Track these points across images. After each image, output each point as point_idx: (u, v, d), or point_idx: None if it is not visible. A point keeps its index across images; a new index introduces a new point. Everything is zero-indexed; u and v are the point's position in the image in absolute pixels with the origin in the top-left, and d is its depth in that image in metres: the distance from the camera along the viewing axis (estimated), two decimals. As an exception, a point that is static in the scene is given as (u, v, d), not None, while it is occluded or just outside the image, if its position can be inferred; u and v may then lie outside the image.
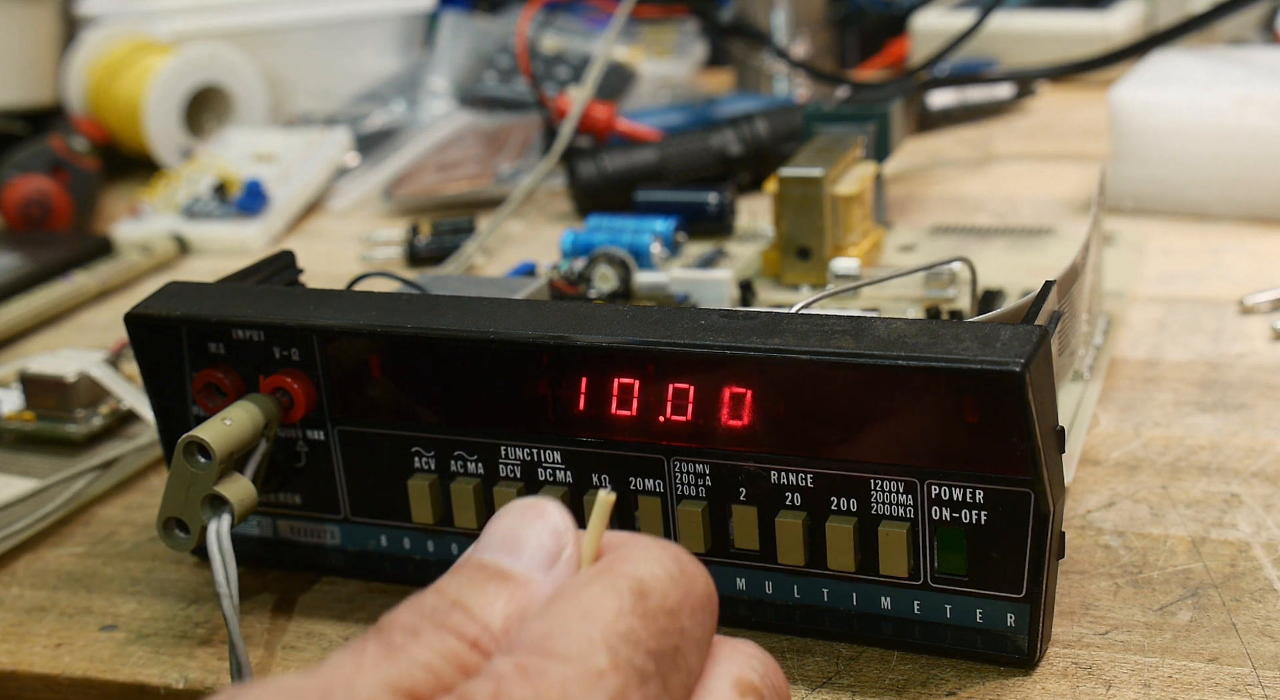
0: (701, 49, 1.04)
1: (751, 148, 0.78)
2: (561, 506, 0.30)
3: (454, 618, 0.27)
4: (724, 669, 0.29)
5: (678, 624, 0.28)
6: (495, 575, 0.28)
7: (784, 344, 0.38)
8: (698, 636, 0.28)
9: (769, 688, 0.30)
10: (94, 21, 0.99)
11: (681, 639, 0.28)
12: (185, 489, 0.42)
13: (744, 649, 0.30)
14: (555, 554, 0.29)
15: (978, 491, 0.38)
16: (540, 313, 0.42)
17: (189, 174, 0.86)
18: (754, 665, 0.30)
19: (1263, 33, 0.94)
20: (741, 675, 0.29)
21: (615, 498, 0.29)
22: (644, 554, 0.28)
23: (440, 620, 0.27)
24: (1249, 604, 0.41)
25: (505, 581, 0.28)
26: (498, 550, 0.29)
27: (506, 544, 0.29)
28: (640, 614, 0.27)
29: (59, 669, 0.44)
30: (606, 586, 0.27)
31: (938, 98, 0.88)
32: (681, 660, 0.28)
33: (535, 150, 0.85)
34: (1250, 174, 0.70)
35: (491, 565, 0.29)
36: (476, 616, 0.27)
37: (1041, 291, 0.41)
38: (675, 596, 0.28)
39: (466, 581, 0.28)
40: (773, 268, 0.62)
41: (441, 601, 0.28)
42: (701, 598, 0.29)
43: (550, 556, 0.29)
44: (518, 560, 0.29)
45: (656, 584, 0.28)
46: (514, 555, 0.29)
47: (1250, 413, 0.52)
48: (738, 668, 0.29)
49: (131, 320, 0.45)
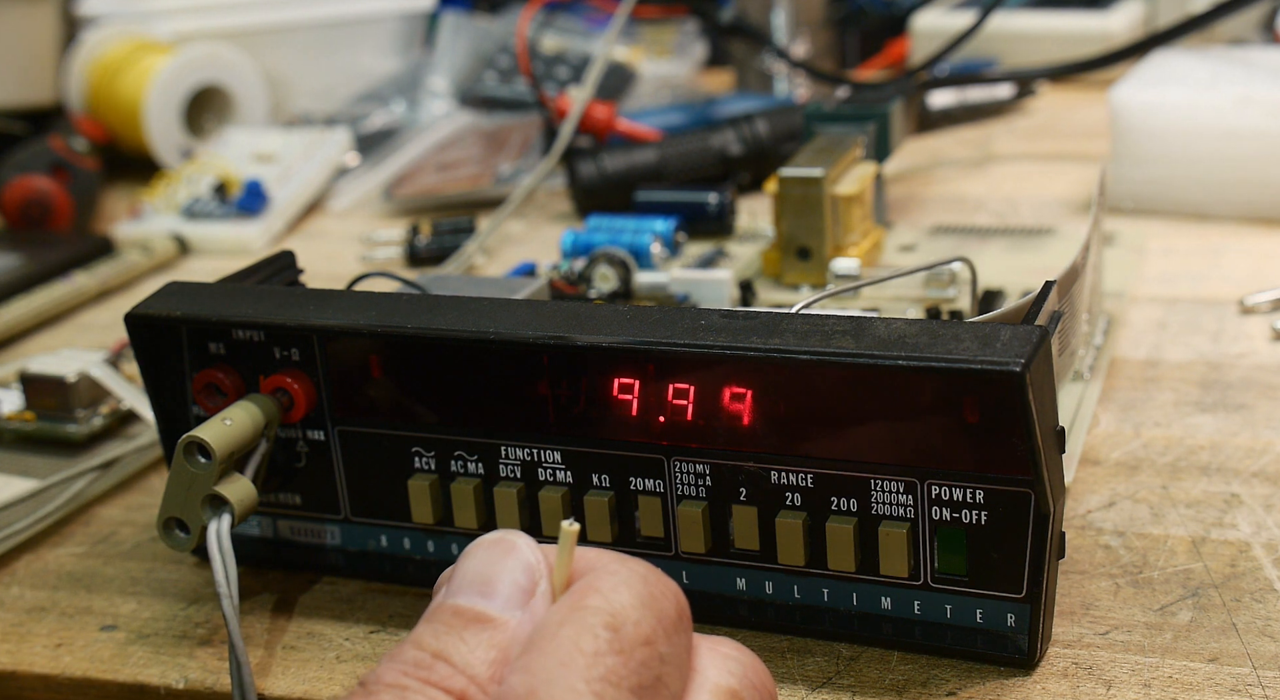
0: (701, 49, 1.04)
1: (751, 148, 0.78)
2: (529, 539, 0.29)
3: (438, 671, 0.27)
4: (700, 680, 0.29)
5: (656, 652, 0.27)
6: (473, 620, 0.28)
7: (784, 344, 0.38)
8: (677, 658, 0.28)
9: (749, 686, 0.29)
10: (94, 21, 0.99)
11: (662, 666, 0.27)
12: (185, 489, 0.42)
13: (721, 650, 0.30)
14: (530, 590, 0.28)
15: (978, 491, 0.38)
16: (540, 313, 0.42)
17: (189, 174, 0.86)
18: (731, 667, 0.29)
19: (1263, 33, 0.94)
20: (719, 683, 0.29)
21: (579, 528, 0.29)
22: (610, 581, 0.28)
23: (425, 675, 0.27)
24: (1249, 604, 0.41)
25: (484, 625, 0.28)
26: (471, 593, 0.28)
27: (479, 585, 0.28)
28: (617, 650, 0.26)
29: (59, 669, 0.44)
30: (580, 627, 0.27)
31: (938, 98, 0.88)
32: (664, 687, 0.27)
33: (535, 150, 0.85)
34: (1250, 174, 0.70)
35: (468, 610, 0.28)
36: (460, 667, 0.27)
37: (1041, 291, 0.41)
38: (648, 624, 0.27)
39: (444, 629, 0.28)
40: (773, 268, 0.62)
41: (423, 654, 0.27)
42: (674, 618, 0.28)
43: (525, 593, 0.28)
44: (493, 601, 0.28)
45: (628, 614, 0.27)
46: (488, 597, 0.28)
47: (1250, 413, 0.52)
48: (715, 674, 0.29)
49: (131, 320, 0.45)
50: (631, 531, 0.42)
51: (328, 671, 0.42)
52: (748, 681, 0.29)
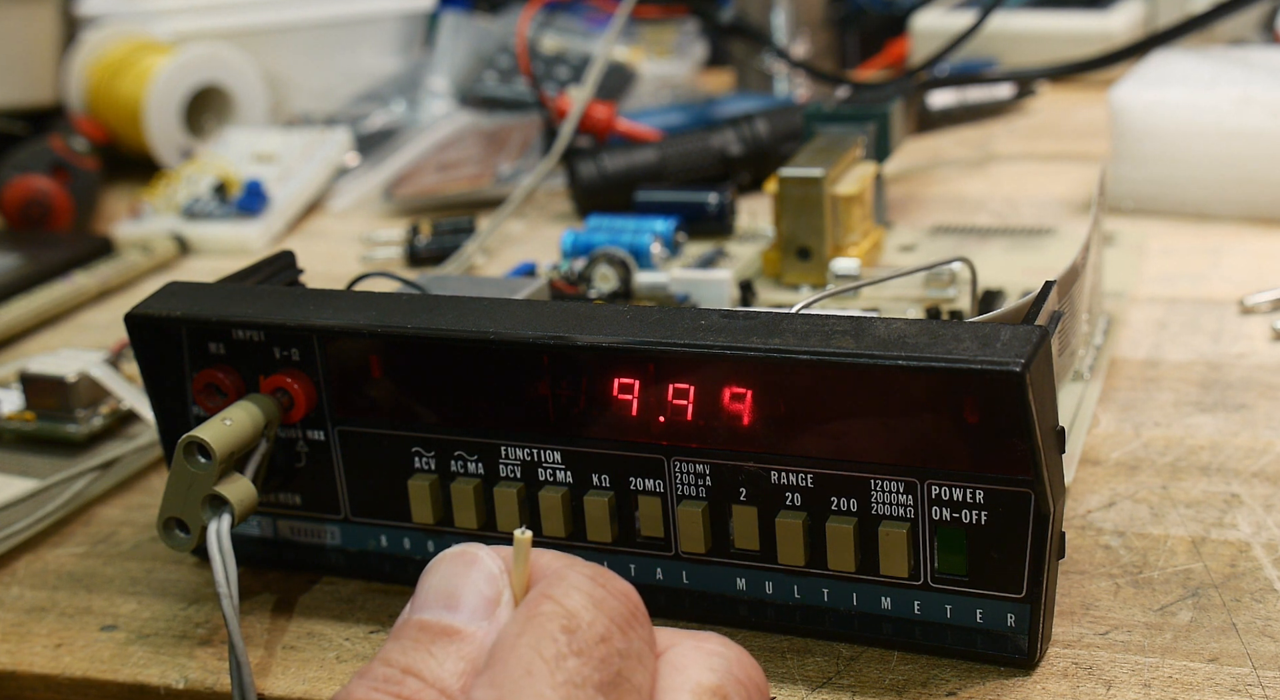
0: (701, 49, 1.04)
1: (751, 148, 0.78)
2: (490, 550, 0.30)
3: (409, 686, 0.27)
4: (681, 680, 0.29)
5: (614, 648, 0.28)
6: (440, 634, 0.28)
7: (784, 344, 0.38)
8: (637, 651, 0.28)
9: (734, 682, 0.29)
10: (94, 21, 0.99)
11: (622, 661, 0.28)
12: (185, 489, 0.42)
13: (706, 646, 0.30)
14: (495, 599, 0.29)
15: (978, 492, 0.38)
16: (540, 313, 0.42)
17: (189, 174, 0.86)
18: (714, 663, 0.29)
19: (1263, 33, 0.94)
20: (700, 680, 0.29)
21: (531, 535, 0.29)
22: (561, 587, 0.28)
23: (396, 690, 0.27)
24: (1249, 604, 0.41)
25: (451, 638, 0.28)
26: (436, 607, 0.29)
27: (444, 598, 0.29)
28: (576, 652, 0.27)
29: (59, 669, 0.44)
30: (538, 635, 0.27)
31: (938, 98, 0.88)
32: (627, 681, 0.28)
33: (535, 150, 0.85)
34: (1250, 174, 0.70)
35: (434, 624, 0.28)
36: (431, 681, 0.27)
37: (1041, 291, 0.41)
38: (602, 623, 0.28)
39: (412, 645, 0.28)
40: (773, 268, 0.62)
41: (392, 670, 0.27)
42: (627, 614, 0.29)
43: (490, 603, 0.29)
44: (458, 614, 0.29)
45: (582, 616, 0.28)
46: (454, 610, 0.29)
47: (1250, 413, 0.52)
48: (696, 672, 0.29)
49: (131, 320, 0.45)
50: (631, 532, 0.42)
51: (328, 671, 0.42)
52: (732, 677, 0.29)
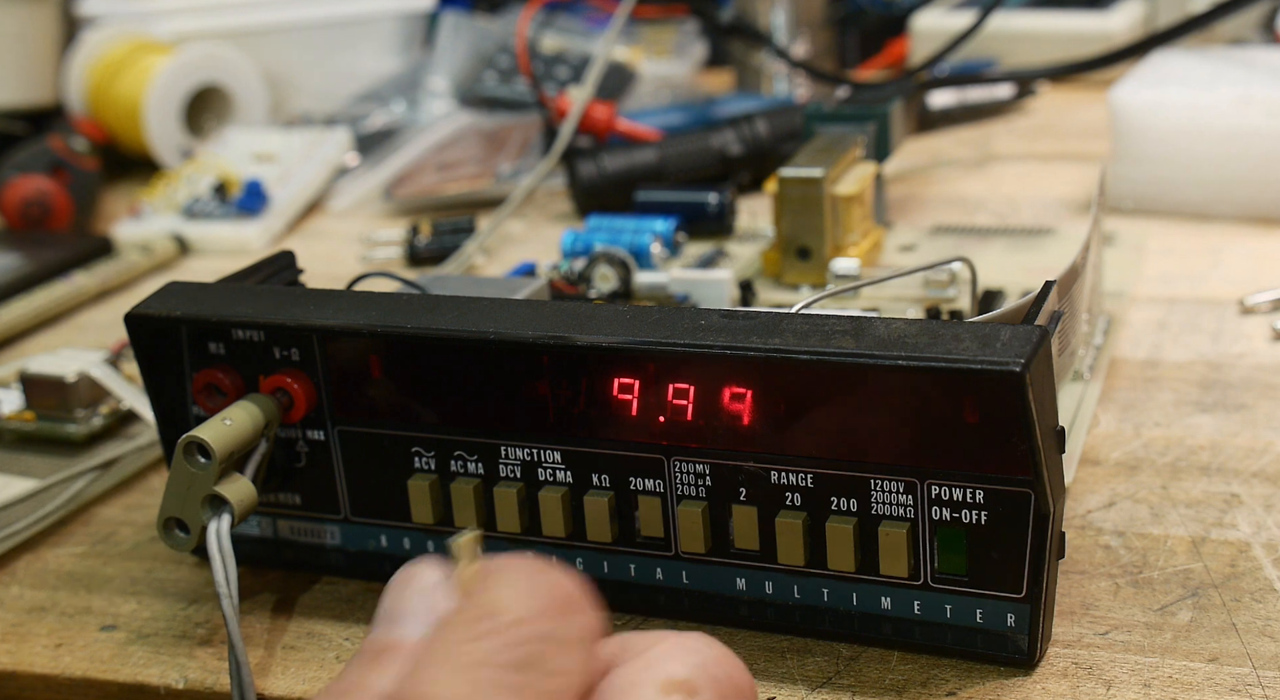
0: (701, 49, 1.04)
1: (751, 148, 0.78)
2: (433, 564, 0.30)
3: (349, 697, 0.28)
4: (649, 674, 0.29)
5: (533, 630, 0.28)
6: (384, 650, 0.29)
7: (784, 344, 0.38)
8: (564, 636, 0.28)
9: (708, 679, 0.29)
10: (94, 21, 0.99)
11: (544, 643, 0.28)
12: (185, 489, 0.42)
13: (685, 643, 0.30)
14: (436, 609, 0.30)
15: (978, 491, 0.38)
16: (540, 313, 0.42)
17: (189, 174, 0.86)
18: (690, 659, 0.29)
19: (1263, 33, 0.94)
20: (671, 674, 0.29)
21: (475, 535, 0.30)
22: (497, 580, 0.29)
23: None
24: (1249, 604, 0.41)
25: (395, 651, 0.29)
26: (381, 626, 0.30)
27: (388, 617, 0.30)
28: (488, 632, 0.27)
29: (59, 669, 0.44)
30: (457, 621, 0.28)
31: (938, 98, 0.88)
32: (547, 663, 0.28)
33: (535, 150, 0.85)
34: (1250, 174, 0.70)
35: (379, 641, 0.30)
36: (370, 691, 0.28)
37: (1041, 291, 0.41)
38: (523, 606, 0.28)
39: (361, 663, 0.29)
40: (773, 268, 0.62)
41: (340, 685, 0.29)
42: (559, 601, 0.29)
43: (431, 612, 0.30)
44: (399, 628, 0.30)
45: (506, 601, 0.28)
46: (396, 625, 0.30)
47: (1250, 413, 0.52)
48: (668, 665, 0.29)
49: (131, 320, 0.45)
50: (631, 532, 0.42)
51: (328, 671, 0.42)
52: (705, 673, 0.29)
